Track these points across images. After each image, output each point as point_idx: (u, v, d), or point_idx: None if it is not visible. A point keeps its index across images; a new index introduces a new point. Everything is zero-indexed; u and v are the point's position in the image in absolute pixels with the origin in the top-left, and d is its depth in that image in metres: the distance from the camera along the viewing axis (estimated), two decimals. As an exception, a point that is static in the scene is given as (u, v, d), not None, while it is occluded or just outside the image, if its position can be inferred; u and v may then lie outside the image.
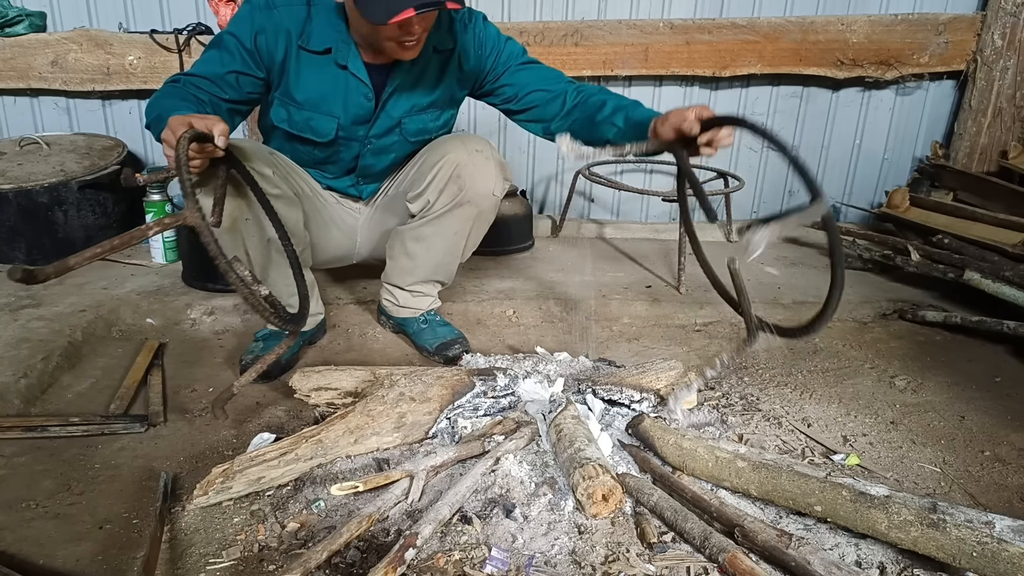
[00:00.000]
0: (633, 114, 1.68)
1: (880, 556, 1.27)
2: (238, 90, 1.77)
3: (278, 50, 1.78)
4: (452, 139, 1.95)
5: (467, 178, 1.88)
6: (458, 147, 1.89)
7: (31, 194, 2.59)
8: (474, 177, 1.89)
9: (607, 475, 1.36)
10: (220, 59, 1.75)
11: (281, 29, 1.76)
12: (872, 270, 2.79)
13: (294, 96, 1.84)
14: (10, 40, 2.85)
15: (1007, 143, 3.07)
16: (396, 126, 1.92)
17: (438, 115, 1.97)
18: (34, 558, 1.29)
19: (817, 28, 2.98)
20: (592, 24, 2.98)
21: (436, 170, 1.89)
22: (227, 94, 1.75)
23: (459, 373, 1.70)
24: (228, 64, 1.75)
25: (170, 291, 2.43)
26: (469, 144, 1.91)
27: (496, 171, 1.92)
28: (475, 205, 1.93)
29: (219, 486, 1.39)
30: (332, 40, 1.78)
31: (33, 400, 1.82)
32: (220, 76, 1.74)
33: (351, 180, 2.05)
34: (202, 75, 1.73)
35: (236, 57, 1.75)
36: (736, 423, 1.73)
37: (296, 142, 1.94)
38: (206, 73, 1.74)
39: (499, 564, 1.23)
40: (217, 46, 1.77)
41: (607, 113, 1.73)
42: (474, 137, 1.98)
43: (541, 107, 1.90)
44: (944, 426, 1.78)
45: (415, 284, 2.11)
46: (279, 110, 1.88)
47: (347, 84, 1.83)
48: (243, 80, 1.77)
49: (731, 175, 3.09)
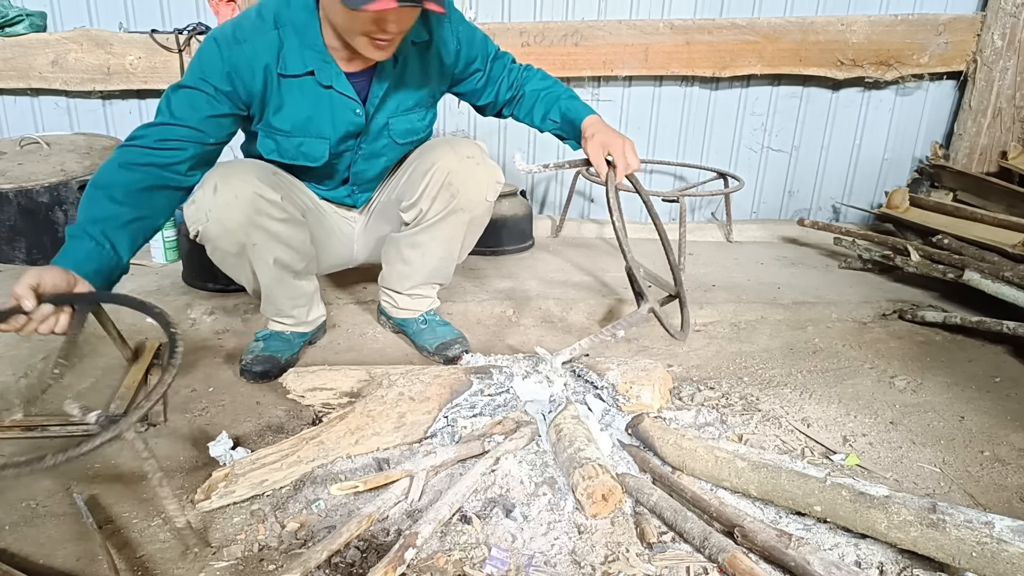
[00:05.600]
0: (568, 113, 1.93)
1: (880, 556, 1.27)
2: (220, 130, 1.69)
3: (255, 83, 1.69)
4: (441, 145, 1.92)
5: (459, 185, 1.87)
6: (448, 154, 1.88)
7: (31, 194, 2.59)
8: (466, 184, 1.88)
9: (607, 475, 1.36)
10: (193, 104, 1.63)
11: (256, 61, 1.66)
12: (872, 270, 2.80)
13: (279, 126, 1.78)
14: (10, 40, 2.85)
15: (1007, 143, 3.08)
16: (383, 128, 1.89)
17: (424, 114, 1.95)
18: (34, 558, 1.29)
19: (817, 28, 2.98)
20: (592, 24, 2.98)
21: (428, 178, 1.88)
22: (212, 137, 1.67)
23: (457, 372, 1.70)
24: (204, 109, 1.64)
25: (170, 291, 2.44)
26: (460, 150, 1.89)
27: (488, 176, 1.91)
28: (468, 211, 1.92)
29: (222, 490, 1.39)
30: (311, 61, 1.70)
31: (33, 400, 1.83)
32: (200, 121, 1.63)
33: (347, 191, 2.05)
34: (179, 123, 1.61)
35: (212, 101, 1.64)
36: (736, 423, 1.73)
37: (287, 169, 1.92)
38: (183, 120, 1.61)
39: (499, 564, 1.24)
40: (187, 89, 1.64)
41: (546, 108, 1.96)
42: (464, 141, 1.96)
43: (497, 97, 2.00)
44: (944, 426, 1.78)
45: (413, 288, 2.11)
46: (266, 141, 1.82)
47: (332, 102, 1.77)
48: (224, 121, 1.69)
49: (731, 175, 3.09)
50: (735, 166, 3.27)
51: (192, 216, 1.76)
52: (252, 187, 1.73)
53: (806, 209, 3.39)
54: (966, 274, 2.28)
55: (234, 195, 1.72)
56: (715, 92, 3.19)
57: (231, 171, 1.75)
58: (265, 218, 1.77)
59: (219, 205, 1.72)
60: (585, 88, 3.16)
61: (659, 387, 1.71)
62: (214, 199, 1.72)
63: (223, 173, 1.74)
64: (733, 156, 3.29)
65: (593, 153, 1.83)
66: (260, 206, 1.75)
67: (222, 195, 1.72)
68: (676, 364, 2.07)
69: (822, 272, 2.84)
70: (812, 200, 3.39)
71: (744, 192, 3.19)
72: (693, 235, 3.09)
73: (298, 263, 1.93)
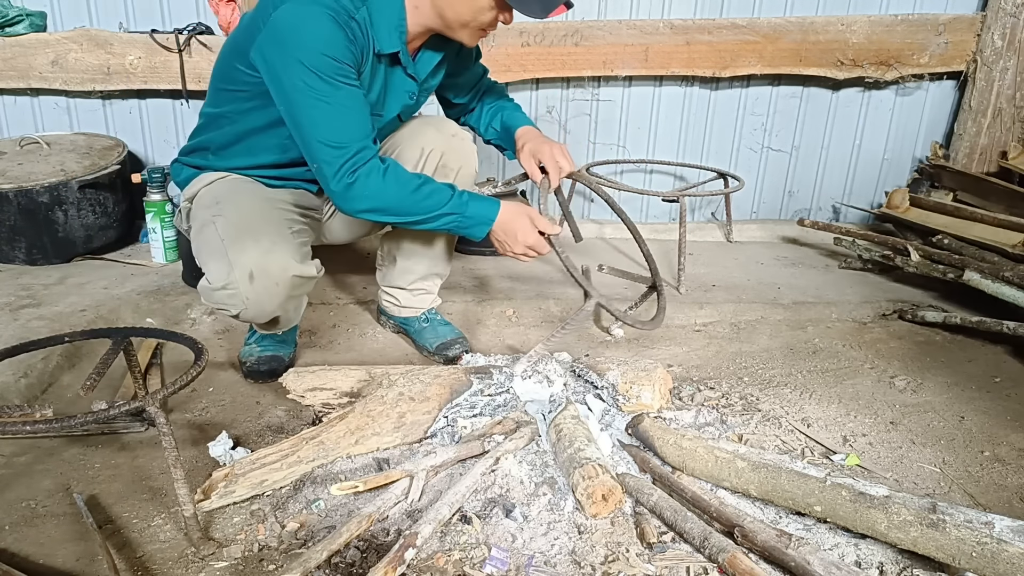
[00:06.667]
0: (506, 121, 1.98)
1: (880, 556, 1.27)
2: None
3: (364, 62, 1.62)
4: (423, 127, 1.91)
5: (453, 165, 1.89)
6: (435, 136, 1.89)
7: (31, 194, 2.59)
8: (460, 162, 1.90)
9: (607, 475, 1.36)
10: (360, 97, 1.59)
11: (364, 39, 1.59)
12: (872, 270, 2.79)
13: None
14: (10, 40, 2.85)
15: (1007, 143, 3.07)
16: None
17: (426, 97, 1.95)
18: (34, 558, 1.29)
19: (817, 28, 2.98)
20: (592, 24, 2.98)
21: (421, 164, 1.87)
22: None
23: (457, 372, 1.70)
24: (366, 100, 1.62)
25: (170, 291, 2.43)
26: (443, 129, 1.91)
27: (472, 151, 1.94)
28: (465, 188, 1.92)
29: (222, 490, 1.39)
30: (397, 42, 1.64)
31: (33, 400, 1.83)
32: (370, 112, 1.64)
33: None
34: (371, 129, 1.61)
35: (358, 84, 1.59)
36: (736, 423, 1.73)
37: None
38: (370, 122, 1.61)
39: (499, 564, 1.24)
40: (341, 82, 1.54)
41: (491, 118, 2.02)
42: (440, 119, 1.98)
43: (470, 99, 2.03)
44: (944, 426, 1.78)
45: (416, 282, 2.11)
46: None
47: (395, 83, 1.74)
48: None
49: (731, 175, 3.09)
50: (735, 166, 3.26)
51: (223, 300, 1.66)
52: (292, 271, 1.66)
53: (806, 209, 3.39)
54: (966, 274, 2.28)
55: (275, 283, 1.65)
56: (715, 92, 3.19)
57: (265, 254, 1.63)
58: (298, 289, 1.73)
59: (258, 293, 1.64)
60: (585, 88, 3.16)
61: (659, 387, 1.71)
62: (251, 287, 1.63)
63: (256, 257, 1.62)
64: (733, 156, 3.29)
65: (525, 163, 1.88)
66: (297, 284, 1.70)
67: (260, 283, 1.63)
68: (676, 364, 2.07)
69: (822, 272, 2.84)
70: (812, 200, 3.38)
71: (744, 192, 3.19)
72: (693, 235, 3.09)
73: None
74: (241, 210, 1.71)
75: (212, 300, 1.69)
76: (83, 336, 1.53)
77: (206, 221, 1.72)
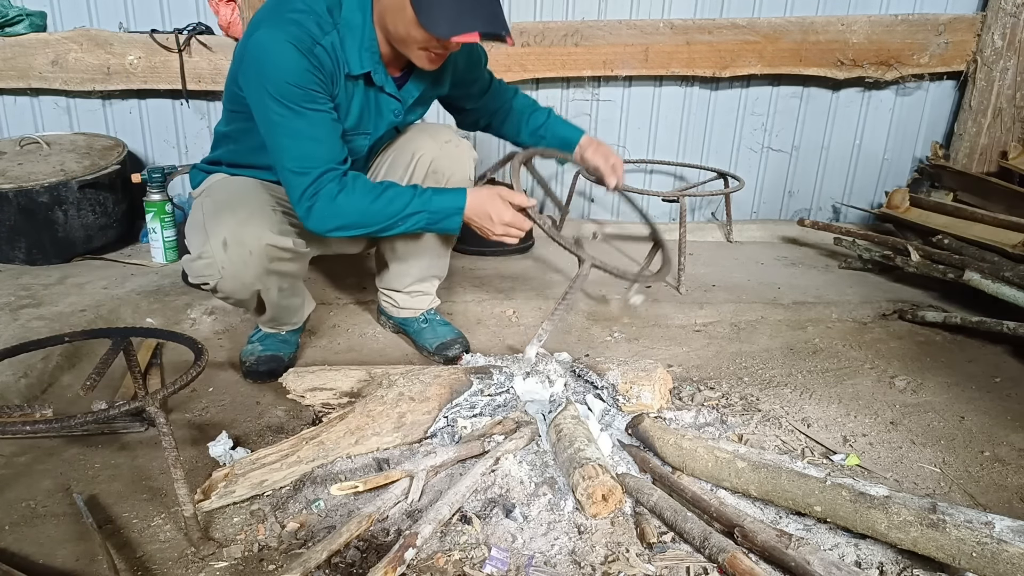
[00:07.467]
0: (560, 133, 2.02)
1: (880, 556, 1.27)
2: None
3: (336, 86, 1.65)
4: (418, 134, 1.92)
5: (444, 171, 1.89)
6: (427, 141, 1.89)
7: (31, 194, 2.59)
8: (452, 168, 1.90)
9: (607, 475, 1.36)
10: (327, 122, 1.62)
11: (333, 63, 1.62)
12: (872, 270, 2.79)
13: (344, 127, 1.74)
14: (10, 40, 2.85)
15: (1007, 143, 3.07)
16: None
17: (425, 110, 1.97)
18: (34, 558, 1.29)
19: (817, 28, 2.98)
20: (592, 24, 2.98)
21: (411, 169, 1.89)
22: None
23: (457, 372, 1.70)
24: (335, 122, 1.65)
25: (170, 291, 2.43)
26: (437, 136, 1.91)
27: (467, 156, 1.93)
28: None
29: (222, 490, 1.39)
30: (368, 62, 1.66)
31: (33, 400, 1.83)
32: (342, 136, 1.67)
33: None
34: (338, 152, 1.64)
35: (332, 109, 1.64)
36: (736, 423, 1.73)
37: None
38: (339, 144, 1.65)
39: (499, 564, 1.24)
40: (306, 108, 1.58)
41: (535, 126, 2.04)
42: (436, 126, 1.98)
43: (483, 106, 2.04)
44: (944, 426, 1.78)
45: (412, 284, 2.11)
46: None
47: (378, 101, 1.76)
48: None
49: (731, 175, 3.09)
50: (735, 166, 3.26)
51: (200, 271, 1.71)
52: (265, 240, 1.68)
53: (806, 209, 3.39)
54: (966, 274, 2.28)
55: (248, 251, 1.68)
56: (715, 92, 3.19)
57: (240, 224, 1.67)
58: (277, 263, 1.75)
59: (232, 261, 1.68)
60: (585, 88, 3.16)
61: (659, 387, 1.71)
62: (226, 255, 1.67)
63: (231, 226, 1.67)
64: (733, 156, 3.29)
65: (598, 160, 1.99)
66: (273, 255, 1.72)
67: (234, 251, 1.67)
68: (676, 364, 2.07)
69: (822, 272, 2.84)
70: (812, 200, 3.38)
71: (744, 192, 3.19)
72: (693, 235, 3.09)
73: (300, 284, 1.96)
74: (228, 190, 1.79)
75: (192, 272, 1.75)
76: (83, 336, 1.53)
77: (196, 205, 1.82)
